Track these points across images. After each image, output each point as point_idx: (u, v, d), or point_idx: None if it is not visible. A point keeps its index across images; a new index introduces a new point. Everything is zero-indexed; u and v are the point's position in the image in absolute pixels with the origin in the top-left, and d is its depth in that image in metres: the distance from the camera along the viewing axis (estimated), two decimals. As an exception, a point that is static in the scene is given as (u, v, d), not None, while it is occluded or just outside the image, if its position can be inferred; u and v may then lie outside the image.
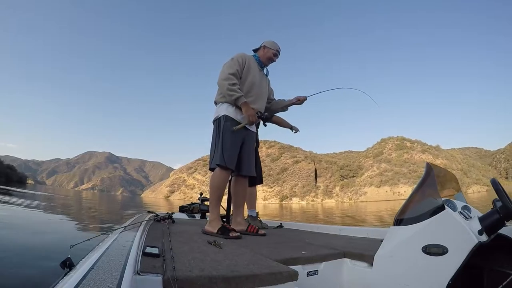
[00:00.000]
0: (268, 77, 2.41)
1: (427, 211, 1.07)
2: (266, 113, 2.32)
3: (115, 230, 1.54)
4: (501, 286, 0.95)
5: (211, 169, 2.08)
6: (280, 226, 2.91)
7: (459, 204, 1.17)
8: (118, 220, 8.48)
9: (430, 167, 1.21)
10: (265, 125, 2.96)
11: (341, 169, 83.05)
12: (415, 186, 1.23)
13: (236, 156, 2.07)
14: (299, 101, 2.50)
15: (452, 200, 1.21)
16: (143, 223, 1.75)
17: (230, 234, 1.80)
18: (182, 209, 3.78)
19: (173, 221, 2.38)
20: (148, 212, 2.70)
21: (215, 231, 1.86)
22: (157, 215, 2.43)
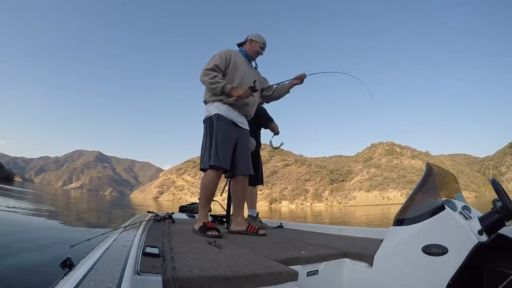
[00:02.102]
0: (257, 70, 2.36)
1: (427, 211, 1.07)
2: (256, 86, 2.20)
3: (115, 230, 1.54)
4: (501, 286, 0.95)
5: (203, 170, 2.03)
6: (280, 226, 2.91)
7: (459, 204, 1.17)
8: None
9: (430, 167, 1.21)
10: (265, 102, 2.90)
11: (331, 173, 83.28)
12: (415, 186, 1.23)
13: (230, 155, 2.03)
14: (299, 80, 2.36)
15: (452, 200, 1.21)
16: (143, 223, 1.75)
17: (208, 233, 1.76)
18: (182, 209, 3.78)
19: (173, 221, 2.38)
20: (148, 212, 2.70)
21: (197, 229, 1.85)
22: (157, 215, 2.43)
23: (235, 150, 2.08)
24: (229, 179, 2.33)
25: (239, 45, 2.33)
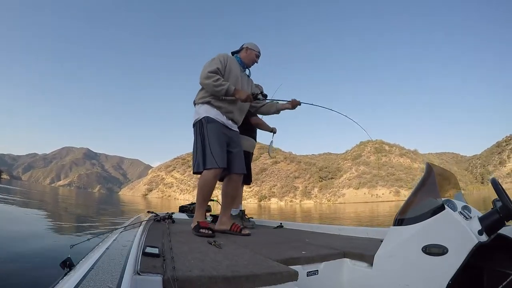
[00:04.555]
0: (250, 77, 2.39)
1: (427, 211, 1.07)
2: (260, 94, 2.25)
3: (115, 230, 1.54)
4: (501, 286, 0.95)
5: (196, 173, 2.04)
6: (280, 226, 2.91)
7: (459, 204, 1.17)
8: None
9: (430, 167, 1.21)
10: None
11: (320, 170, 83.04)
12: (415, 186, 1.23)
13: (225, 155, 2.04)
14: (292, 105, 2.40)
15: (452, 200, 1.21)
16: (143, 223, 1.75)
17: (200, 231, 1.78)
18: (182, 209, 3.78)
19: (173, 221, 2.38)
20: (148, 212, 2.71)
21: (192, 228, 1.88)
22: (157, 215, 2.43)
23: (228, 151, 2.10)
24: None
25: (234, 52, 2.35)
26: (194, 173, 2.05)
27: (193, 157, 2.07)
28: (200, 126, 2.06)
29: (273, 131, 3.07)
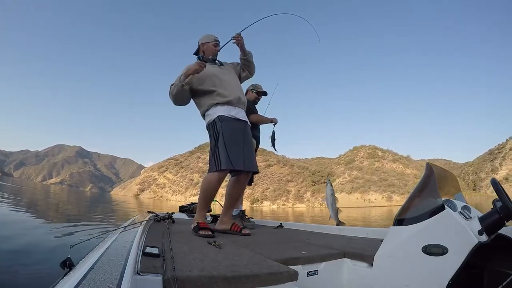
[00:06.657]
0: (223, 63, 2.29)
1: (427, 211, 1.07)
2: (207, 58, 2.16)
3: (115, 230, 1.54)
4: (501, 286, 0.95)
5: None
6: (280, 226, 2.91)
7: (459, 204, 1.17)
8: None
9: (430, 168, 1.21)
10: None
11: (313, 174, 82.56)
12: (415, 186, 1.23)
13: (242, 154, 1.98)
14: (239, 42, 2.21)
15: (452, 200, 1.21)
16: (143, 223, 1.75)
17: (200, 232, 1.78)
18: (182, 209, 3.78)
19: (173, 221, 2.38)
20: (148, 212, 2.71)
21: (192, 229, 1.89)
22: (157, 215, 2.43)
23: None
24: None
25: (196, 53, 2.32)
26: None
27: (210, 158, 2.02)
28: (213, 126, 2.02)
29: (273, 121, 3.02)
